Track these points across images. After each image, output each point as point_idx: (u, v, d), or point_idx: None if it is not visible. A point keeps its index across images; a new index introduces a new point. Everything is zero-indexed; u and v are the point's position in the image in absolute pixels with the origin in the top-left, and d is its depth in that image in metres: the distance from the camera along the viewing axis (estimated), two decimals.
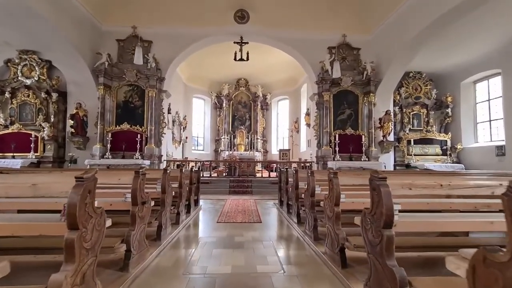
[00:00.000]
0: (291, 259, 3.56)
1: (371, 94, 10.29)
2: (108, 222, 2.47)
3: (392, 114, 10.57)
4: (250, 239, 4.40)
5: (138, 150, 9.74)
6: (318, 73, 10.67)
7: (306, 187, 4.45)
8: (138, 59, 8.97)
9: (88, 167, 9.19)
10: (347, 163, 9.76)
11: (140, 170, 3.13)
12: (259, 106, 17.78)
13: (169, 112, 12.32)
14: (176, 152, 14.58)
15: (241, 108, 17.86)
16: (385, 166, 10.23)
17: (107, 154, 9.62)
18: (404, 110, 11.54)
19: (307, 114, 14.50)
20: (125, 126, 9.94)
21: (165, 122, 10.53)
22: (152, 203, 3.56)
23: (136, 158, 9.65)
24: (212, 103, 18.01)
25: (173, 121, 14.06)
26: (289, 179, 6.28)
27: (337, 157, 10.03)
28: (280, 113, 18.79)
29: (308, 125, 14.51)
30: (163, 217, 4.08)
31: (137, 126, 10.00)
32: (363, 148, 10.22)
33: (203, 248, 3.94)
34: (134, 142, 9.75)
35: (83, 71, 9.80)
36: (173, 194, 4.80)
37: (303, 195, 4.69)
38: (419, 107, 11.60)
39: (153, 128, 10.05)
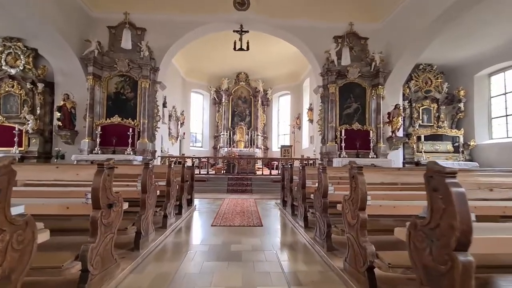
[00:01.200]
0: (301, 277, 2.77)
1: (380, 86, 9.51)
2: (43, 236, 1.69)
3: (401, 108, 9.79)
4: (250, 248, 3.62)
5: (130, 145, 8.96)
6: (323, 64, 9.88)
7: (317, 186, 3.67)
8: (126, 42, 8.16)
9: (75, 163, 8.42)
10: (354, 160, 8.96)
11: (105, 163, 2.35)
12: (259, 102, 16.98)
13: (164, 106, 11.54)
14: (173, 148, 13.80)
15: (241, 103, 17.05)
16: (393, 163, 9.46)
17: (96, 149, 8.84)
18: (414, 104, 10.75)
19: (310, 109, 13.70)
20: (116, 119, 9.16)
21: (159, 116, 9.74)
22: (126, 205, 2.78)
23: (127, 154, 8.88)
24: (211, 98, 17.21)
25: (170, 116, 13.28)
26: (293, 176, 5.52)
27: (343, 154, 9.25)
28: (281, 109, 17.98)
29: (310, 120, 13.72)
30: (143, 222, 3.30)
31: (129, 119, 9.22)
32: (371, 144, 9.45)
33: (192, 261, 3.16)
34: (126, 136, 8.97)
35: (71, 60, 9.03)
36: (159, 193, 4.02)
37: (312, 195, 3.91)
38: (429, 102, 10.81)
39: (146, 121, 9.27)
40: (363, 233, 2.47)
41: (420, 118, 10.73)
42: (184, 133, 15.42)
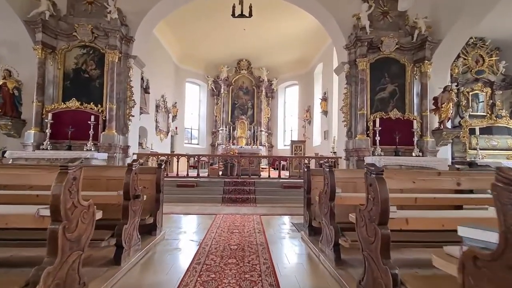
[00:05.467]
0: None
1: (426, 62, 6.83)
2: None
3: (452, 91, 7.11)
4: None
5: (91, 138, 6.34)
6: (349, 34, 7.22)
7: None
8: None
9: (11, 161, 5.80)
10: (396, 159, 6.28)
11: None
12: (263, 93, 14.31)
13: (146, 92, 8.90)
14: (162, 145, 11.17)
15: (242, 95, 14.38)
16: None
17: (45, 143, 6.22)
18: (462, 89, 8.07)
19: (324, 99, 11.06)
20: (74, 103, 6.53)
21: (134, 101, 7.09)
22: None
23: (87, 150, 6.25)
24: (208, 88, 14.53)
25: (157, 107, 10.65)
26: (336, 188, 2.85)
27: (377, 151, 6.57)
28: (287, 102, 15.28)
29: (324, 112, 11.08)
30: None
31: (91, 104, 6.59)
32: (415, 139, 6.77)
33: None
34: (87, 126, 6.35)
35: (14, 25, 6.48)
36: None
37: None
38: (481, 85, 8.13)
39: (114, 107, 6.63)
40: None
41: (470, 105, 8.06)
42: (176, 128, 12.78)
